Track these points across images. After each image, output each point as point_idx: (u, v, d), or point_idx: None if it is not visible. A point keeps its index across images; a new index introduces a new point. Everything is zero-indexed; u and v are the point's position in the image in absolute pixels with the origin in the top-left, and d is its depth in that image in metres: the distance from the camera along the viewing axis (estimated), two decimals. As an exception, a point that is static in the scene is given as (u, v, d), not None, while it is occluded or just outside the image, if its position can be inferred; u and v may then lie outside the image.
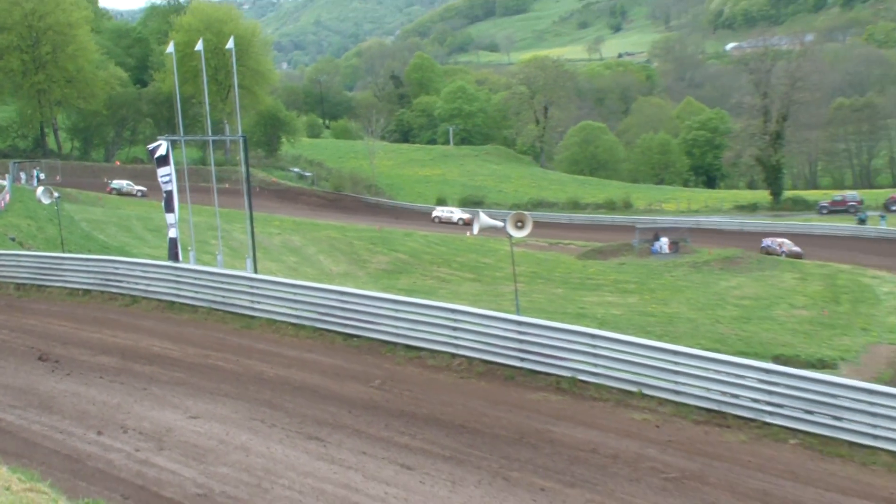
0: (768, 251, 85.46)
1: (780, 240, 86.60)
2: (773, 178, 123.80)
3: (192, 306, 36.76)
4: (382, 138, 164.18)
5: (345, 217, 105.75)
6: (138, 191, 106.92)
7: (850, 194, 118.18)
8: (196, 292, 37.11)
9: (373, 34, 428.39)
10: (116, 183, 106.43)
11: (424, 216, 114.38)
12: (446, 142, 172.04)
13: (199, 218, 52.44)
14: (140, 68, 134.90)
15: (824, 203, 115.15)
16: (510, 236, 32.36)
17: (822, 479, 21.88)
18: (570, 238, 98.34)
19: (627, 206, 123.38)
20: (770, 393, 24.48)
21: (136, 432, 24.28)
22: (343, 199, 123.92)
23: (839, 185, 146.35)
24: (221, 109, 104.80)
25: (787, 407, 24.12)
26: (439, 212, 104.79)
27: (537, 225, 50.57)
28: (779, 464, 22.70)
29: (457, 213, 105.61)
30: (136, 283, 39.38)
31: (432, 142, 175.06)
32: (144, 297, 38.66)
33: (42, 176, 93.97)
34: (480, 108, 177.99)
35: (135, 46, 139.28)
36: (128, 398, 27.05)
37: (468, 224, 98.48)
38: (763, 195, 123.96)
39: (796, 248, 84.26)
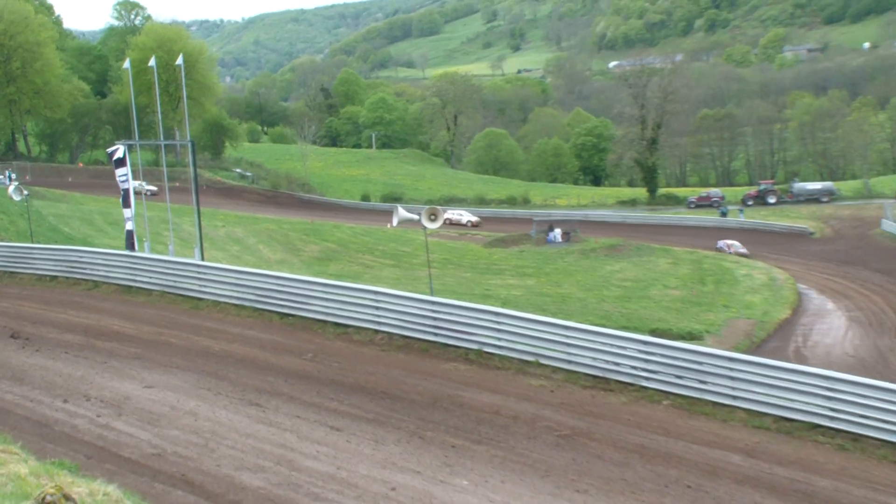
0: (720, 251, 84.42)
1: (730, 241, 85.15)
2: (649, 178, 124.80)
3: (147, 290, 36.50)
4: (314, 143, 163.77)
5: (281, 211, 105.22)
6: (148, 190, 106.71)
7: (714, 191, 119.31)
8: (150, 278, 36.85)
9: (305, 52, 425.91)
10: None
11: (353, 210, 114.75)
12: (369, 146, 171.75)
13: (152, 212, 52.15)
14: (100, 82, 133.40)
15: (692, 199, 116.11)
16: (425, 228, 32.45)
17: (690, 434, 22.30)
18: (476, 229, 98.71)
19: (526, 202, 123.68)
20: (647, 361, 24.85)
21: (97, 400, 24.26)
22: (279, 196, 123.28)
23: (705, 183, 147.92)
24: (172, 118, 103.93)
25: (661, 373, 24.50)
26: (449, 214, 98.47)
27: (450, 218, 50.54)
28: (653, 421, 23.06)
29: (465, 216, 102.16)
30: (97, 270, 39.04)
31: (357, 146, 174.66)
32: (105, 282, 38.32)
33: (13, 176, 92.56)
34: (399, 117, 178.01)
35: (96, 62, 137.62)
36: (90, 371, 26.93)
37: (476, 226, 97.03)
38: (641, 192, 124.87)
39: (743, 250, 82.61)
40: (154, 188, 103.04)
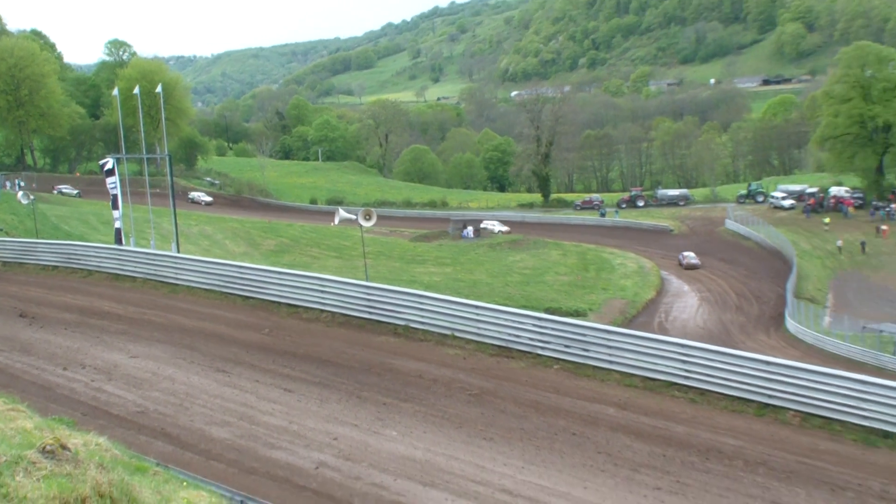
0: (679, 262, 79.70)
1: (686, 253, 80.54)
2: (543, 185, 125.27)
3: (132, 277, 35.97)
4: (270, 156, 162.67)
5: (243, 213, 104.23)
6: (204, 202, 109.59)
7: (595, 196, 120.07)
8: (135, 267, 36.32)
9: (263, 82, 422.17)
10: (193, 194, 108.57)
11: (302, 212, 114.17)
12: (316, 159, 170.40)
13: (137, 213, 51.51)
14: (94, 106, 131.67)
15: (578, 202, 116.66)
16: (361, 226, 32.45)
17: (575, 392, 22.44)
18: (404, 227, 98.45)
19: (444, 205, 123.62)
20: (541, 334, 24.94)
21: (91, 368, 24.24)
22: (242, 200, 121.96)
23: (587, 190, 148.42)
24: (153, 136, 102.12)
25: (553, 343, 24.60)
26: (484, 223, 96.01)
27: (381, 217, 50.52)
28: (546, 382, 23.16)
29: (497, 226, 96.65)
30: (91, 261, 38.44)
31: (306, 159, 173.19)
32: (97, 271, 37.72)
33: (22, 184, 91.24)
34: (340, 135, 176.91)
35: (90, 90, 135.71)
36: (85, 343, 26.82)
37: (507, 234, 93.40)
38: (537, 197, 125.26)
39: (695, 261, 78.43)
40: (210, 199, 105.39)
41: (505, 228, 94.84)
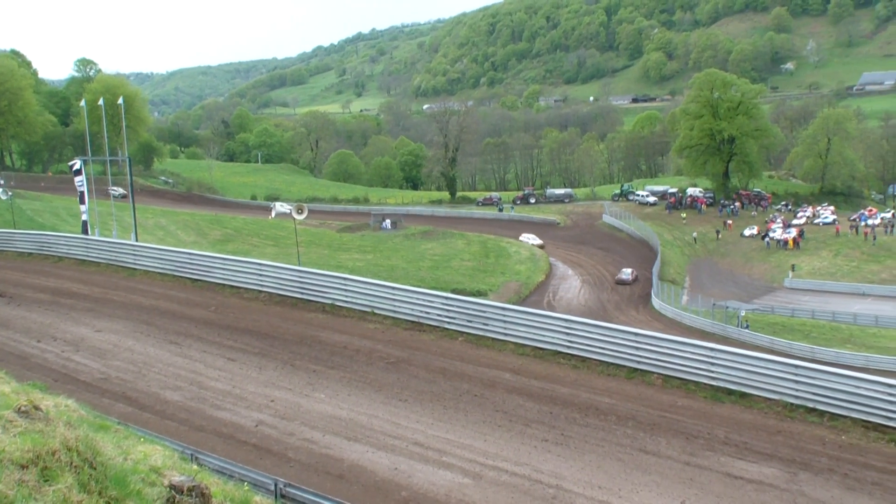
0: (623, 280, 70.50)
1: (627, 269, 71.84)
2: (450, 185, 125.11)
3: (97, 262, 35.01)
4: (217, 159, 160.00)
5: (193, 207, 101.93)
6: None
7: (494, 194, 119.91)
8: (99, 254, 35.36)
9: (211, 96, 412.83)
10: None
11: (244, 206, 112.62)
12: (256, 161, 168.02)
13: (101, 208, 50.49)
14: (65, 115, 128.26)
15: (479, 199, 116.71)
16: (294, 219, 32.42)
17: (477, 360, 22.52)
18: (332, 220, 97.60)
19: (367, 201, 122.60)
20: (448, 311, 24.97)
21: (62, 341, 24.10)
22: (192, 196, 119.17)
23: (488, 188, 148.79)
24: (116, 141, 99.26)
25: (458, 318, 24.64)
26: (524, 238, 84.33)
27: (312, 212, 49.98)
28: (452, 352, 23.24)
29: (532, 239, 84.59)
30: (61, 249, 37.34)
31: (248, 161, 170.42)
32: (66, 257, 36.64)
33: (2, 182, 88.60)
34: (277, 141, 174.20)
35: (61, 102, 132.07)
36: (56, 319, 26.51)
37: (541, 248, 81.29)
38: (445, 194, 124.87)
39: (627, 277, 70.35)
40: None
41: (539, 241, 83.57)
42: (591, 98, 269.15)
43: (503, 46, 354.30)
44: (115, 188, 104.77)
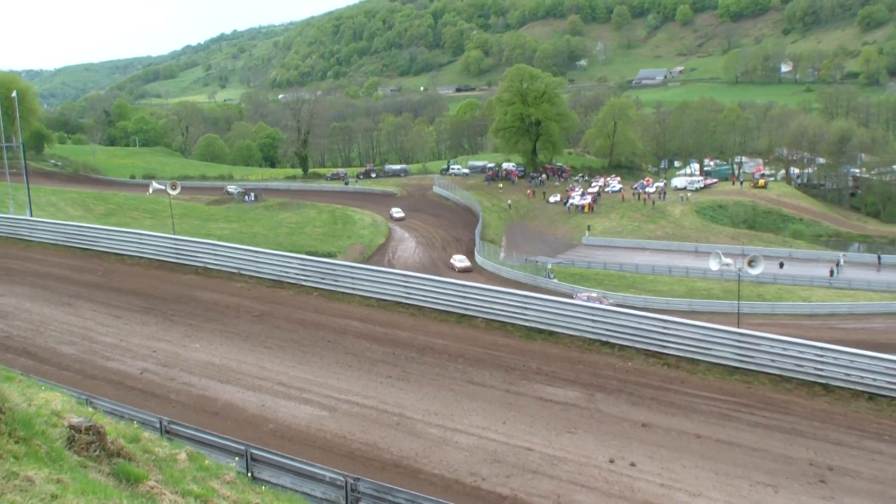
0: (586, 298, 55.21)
1: (590, 294, 51.41)
2: (303, 163, 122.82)
3: (-8, 236, 32.75)
4: (100, 144, 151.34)
5: (80, 186, 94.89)
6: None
7: (340, 170, 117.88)
8: (-4, 228, 33.01)
9: (93, 89, 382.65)
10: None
11: (125, 185, 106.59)
12: (135, 145, 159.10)
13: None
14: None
15: (328, 175, 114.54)
16: (169, 194, 31.42)
17: (330, 311, 22.58)
18: (201, 195, 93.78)
19: (231, 178, 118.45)
20: (303, 270, 24.79)
21: None
22: (79, 177, 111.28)
23: (335, 165, 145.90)
24: (10, 129, 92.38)
25: (312, 276, 24.51)
26: (452, 260, 63.03)
27: (184, 188, 48.22)
28: (308, 305, 23.16)
29: (459, 262, 61.99)
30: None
31: (127, 145, 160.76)
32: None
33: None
34: (152, 127, 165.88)
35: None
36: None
37: (466, 271, 60.07)
38: (299, 171, 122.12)
39: (464, 264, 61.11)
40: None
41: (467, 264, 62.26)
42: (422, 88, 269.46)
43: (346, 45, 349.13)
44: (232, 186, 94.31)
